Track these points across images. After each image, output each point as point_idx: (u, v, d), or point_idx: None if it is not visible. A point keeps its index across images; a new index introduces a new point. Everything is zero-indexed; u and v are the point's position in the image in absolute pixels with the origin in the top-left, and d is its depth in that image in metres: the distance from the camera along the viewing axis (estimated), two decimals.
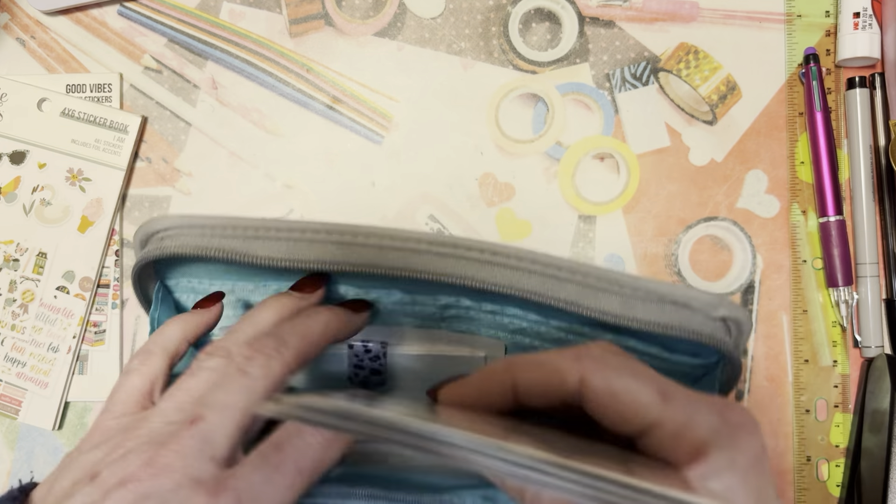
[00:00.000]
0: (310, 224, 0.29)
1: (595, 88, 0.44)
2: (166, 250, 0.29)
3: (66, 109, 0.44)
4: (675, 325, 0.28)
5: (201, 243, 0.29)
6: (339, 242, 0.28)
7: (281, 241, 0.29)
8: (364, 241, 0.28)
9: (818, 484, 0.42)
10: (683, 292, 0.29)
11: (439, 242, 0.28)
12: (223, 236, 0.29)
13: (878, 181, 0.42)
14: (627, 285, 0.29)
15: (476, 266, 0.28)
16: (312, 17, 0.45)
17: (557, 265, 0.28)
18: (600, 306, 0.28)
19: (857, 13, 0.42)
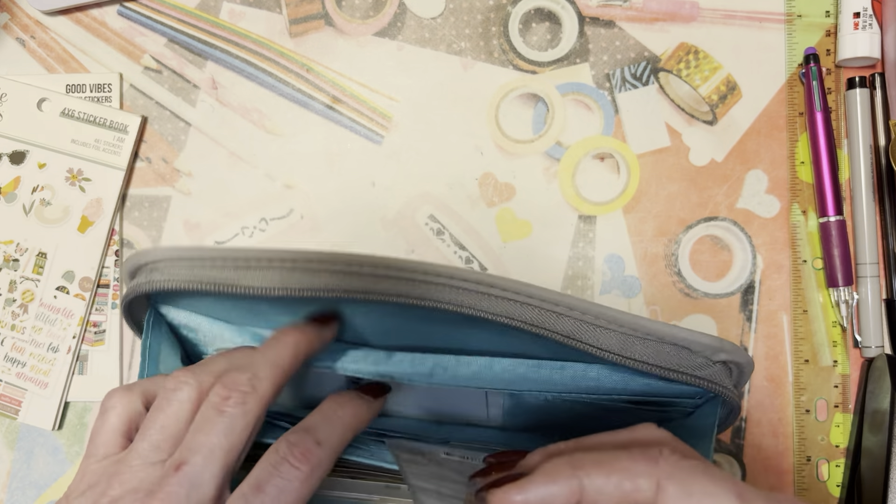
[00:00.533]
0: (303, 253, 0.28)
1: (595, 88, 0.44)
2: (156, 284, 0.28)
3: (66, 109, 0.44)
4: (672, 367, 0.28)
5: (192, 275, 0.28)
6: (333, 272, 0.28)
7: (273, 270, 0.28)
8: (359, 269, 0.28)
9: (818, 484, 0.42)
10: (684, 335, 0.28)
11: (434, 273, 0.28)
12: (213, 267, 0.28)
13: (878, 181, 0.42)
14: (626, 324, 0.28)
15: (473, 296, 0.28)
16: (312, 17, 0.45)
17: (555, 301, 0.28)
18: (599, 343, 0.28)
19: (857, 13, 0.42)
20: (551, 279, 0.43)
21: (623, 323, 0.28)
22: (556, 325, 0.28)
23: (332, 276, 0.28)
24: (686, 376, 0.28)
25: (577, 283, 0.43)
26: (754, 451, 0.43)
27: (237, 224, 0.44)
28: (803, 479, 0.42)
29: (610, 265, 0.43)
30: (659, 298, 0.43)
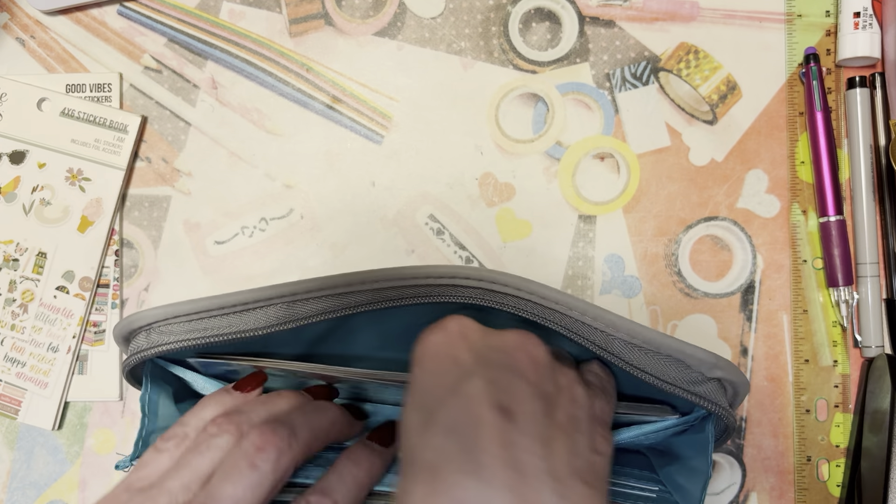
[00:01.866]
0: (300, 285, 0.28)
1: (595, 88, 0.44)
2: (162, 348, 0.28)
3: (66, 109, 0.44)
4: (669, 380, 0.28)
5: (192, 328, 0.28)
6: (334, 295, 0.28)
7: (273, 306, 0.28)
8: (360, 287, 0.28)
9: (818, 484, 0.42)
10: (680, 348, 0.28)
11: (436, 275, 0.28)
12: (211, 317, 0.28)
13: (878, 181, 0.42)
14: (623, 330, 0.28)
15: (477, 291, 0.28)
16: (312, 17, 0.45)
17: (554, 299, 0.28)
18: (598, 341, 0.28)
19: (857, 13, 0.42)
20: (551, 279, 0.43)
21: (620, 328, 0.28)
22: (559, 319, 0.28)
23: (334, 300, 0.28)
24: (681, 390, 0.28)
25: (577, 283, 0.43)
26: (754, 451, 0.43)
27: (237, 224, 0.44)
28: (803, 479, 0.42)
29: (610, 265, 0.43)
30: (659, 298, 0.43)
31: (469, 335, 0.25)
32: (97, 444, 0.44)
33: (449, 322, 0.26)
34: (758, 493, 0.42)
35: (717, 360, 0.28)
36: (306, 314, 0.28)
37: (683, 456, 0.32)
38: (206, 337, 0.28)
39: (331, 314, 0.28)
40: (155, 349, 0.28)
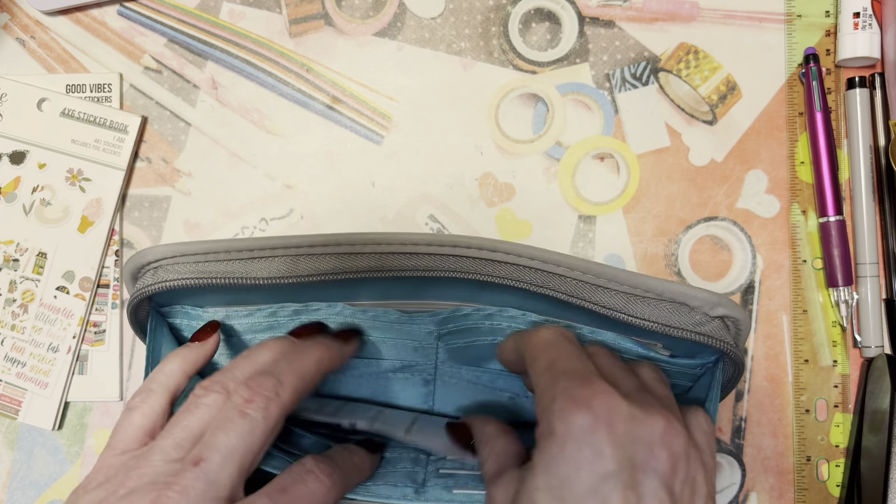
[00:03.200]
0: (305, 238, 0.28)
1: (595, 88, 0.44)
2: (166, 284, 0.29)
3: (66, 109, 0.44)
4: (674, 325, 0.28)
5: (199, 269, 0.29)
6: (338, 254, 0.28)
7: (278, 259, 0.28)
8: (363, 249, 0.28)
9: (818, 484, 0.42)
10: (682, 290, 0.29)
11: (438, 243, 0.28)
12: (218, 261, 0.29)
13: (878, 181, 0.42)
14: (626, 282, 0.29)
15: (477, 263, 0.28)
16: (312, 17, 0.45)
17: (556, 261, 0.29)
18: (601, 301, 0.28)
19: (857, 13, 0.42)
20: None
21: (622, 281, 0.29)
22: (559, 285, 0.28)
23: (337, 259, 0.28)
24: (687, 332, 0.28)
25: None
26: (754, 451, 0.43)
27: (237, 224, 0.44)
28: (803, 479, 0.42)
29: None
30: None
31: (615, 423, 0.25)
32: (97, 445, 0.44)
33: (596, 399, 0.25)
34: (757, 493, 0.42)
35: (719, 298, 0.29)
36: (308, 272, 0.28)
37: None
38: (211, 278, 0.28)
39: (331, 276, 0.28)
40: (159, 284, 0.29)
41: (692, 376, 0.32)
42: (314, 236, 0.29)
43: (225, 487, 0.25)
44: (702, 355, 0.31)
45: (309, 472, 0.27)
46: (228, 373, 0.28)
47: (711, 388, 0.31)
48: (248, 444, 0.26)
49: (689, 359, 0.31)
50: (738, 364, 0.30)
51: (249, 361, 0.29)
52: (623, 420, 0.25)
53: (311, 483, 0.27)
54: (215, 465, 0.25)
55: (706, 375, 0.32)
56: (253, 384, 0.27)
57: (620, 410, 0.25)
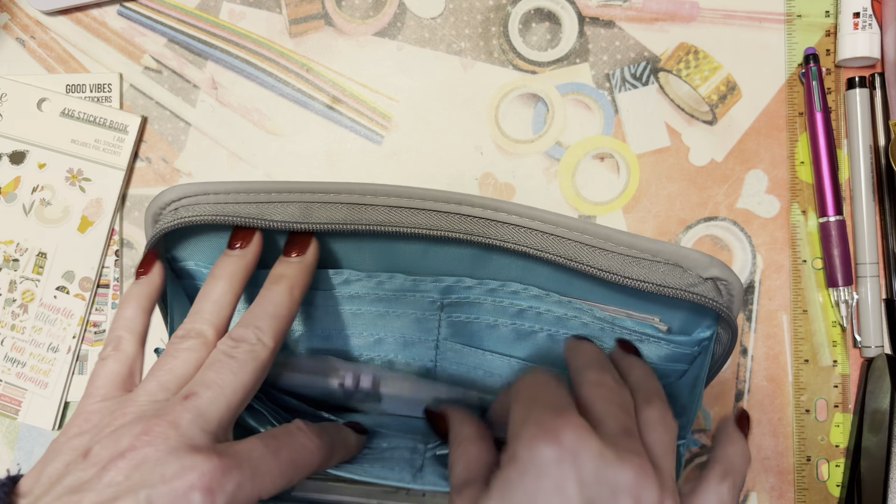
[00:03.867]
0: (321, 185, 0.30)
1: (595, 88, 0.44)
2: (185, 219, 0.29)
3: (66, 109, 0.44)
4: (668, 285, 0.29)
5: (217, 210, 0.29)
6: (350, 203, 0.29)
7: (293, 203, 0.29)
8: (373, 200, 0.29)
9: (818, 484, 0.42)
10: (675, 250, 0.29)
11: (444, 199, 0.30)
12: (237, 202, 0.30)
13: (878, 181, 0.42)
14: (621, 243, 0.29)
15: (481, 224, 0.29)
16: (312, 17, 0.45)
17: (554, 222, 0.29)
18: (598, 264, 0.29)
19: (857, 13, 0.42)
20: None
21: (618, 241, 0.29)
22: (559, 248, 0.29)
23: (349, 210, 0.29)
24: (681, 292, 0.29)
25: None
26: (754, 451, 0.43)
27: None
28: (803, 479, 0.42)
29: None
30: None
31: (582, 460, 0.24)
32: None
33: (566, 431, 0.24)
34: (757, 493, 0.42)
35: (711, 259, 0.30)
36: (319, 220, 0.29)
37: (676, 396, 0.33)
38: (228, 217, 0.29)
39: (342, 226, 0.29)
40: (180, 220, 0.29)
41: (688, 356, 0.33)
42: (329, 183, 0.30)
43: (214, 422, 0.25)
44: (698, 331, 0.32)
45: (300, 429, 0.28)
46: (197, 315, 0.28)
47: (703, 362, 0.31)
48: (239, 382, 0.26)
49: (686, 335, 0.32)
50: (732, 328, 0.30)
51: (210, 301, 0.29)
52: (592, 458, 0.24)
53: (301, 438, 0.27)
54: (205, 400, 0.25)
55: (702, 355, 0.32)
56: (235, 334, 0.27)
57: (590, 447, 0.24)
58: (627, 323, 0.32)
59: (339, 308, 0.35)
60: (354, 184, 0.30)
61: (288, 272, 0.30)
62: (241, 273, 0.30)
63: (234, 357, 0.26)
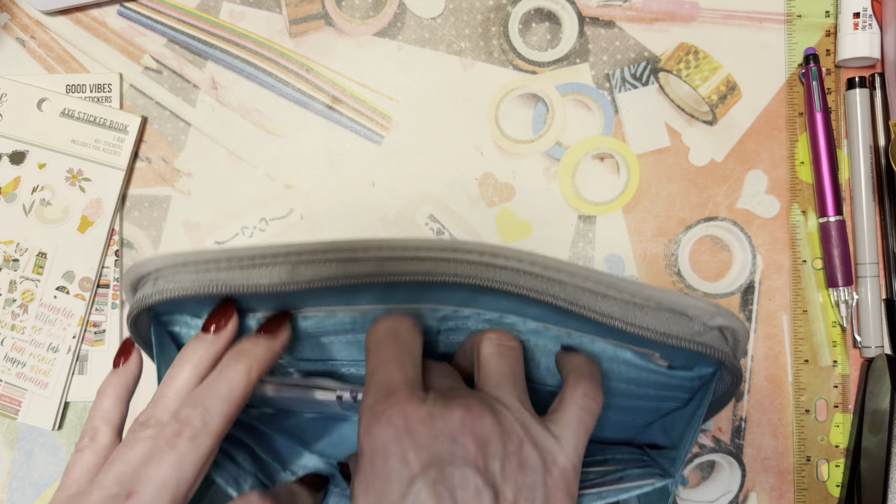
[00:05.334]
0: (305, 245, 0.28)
1: (595, 88, 0.44)
2: (165, 293, 0.28)
3: (66, 109, 0.44)
4: (672, 333, 0.28)
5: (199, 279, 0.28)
6: (338, 260, 0.28)
7: (278, 265, 0.28)
8: (363, 255, 0.28)
9: (818, 484, 0.42)
10: (680, 300, 0.28)
11: (438, 248, 0.28)
12: (218, 269, 0.28)
13: (878, 181, 0.42)
14: (625, 290, 0.28)
15: (476, 268, 0.28)
16: (312, 17, 0.45)
17: (556, 268, 0.28)
18: (600, 308, 0.28)
19: (857, 13, 0.42)
20: None
21: (622, 288, 0.29)
22: (559, 292, 0.28)
23: (339, 265, 0.28)
24: (684, 342, 0.28)
25: None
26: (754, 451, 0.43)
27: (237, 224, 0.44)
28: (803, 479, 0.42)
29: (610, 265, 0.43)
30: None
31: (414, 428, 0.26)
32: None
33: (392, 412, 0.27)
34: (757, 494, 0.42)
35: (717, 308, 0.29)
36: (309, 278, 0.28)
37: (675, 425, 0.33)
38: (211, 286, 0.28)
39: (332, 282, 0.28)
40: (160, 295, 0.29)
41: (689, 388, 0.32)
42: (314, 243, 0.29)
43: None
44: (699, 367, 0.31)
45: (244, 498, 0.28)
46: (160, 401, 0.29)
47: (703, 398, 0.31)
48: (180, 476, 0.26)
49: (687, 370, 0.31)
50: (736, 374, 0.30)
51: (172, 386, 0.29)
52: (421, 422, 0.26)
53: None
54: (147, 498, 0.26)
55: (702, 390, 0.32)
56: (180, 416, 0.27)
57: (417, 414, 0.26)
58: (627, 355, 0.31)
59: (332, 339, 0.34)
60: (342, 241, 0.28)
61: (252, 352, 0.29)
62: (209, 360, 0.29)
63: (176, 448, 0.26)
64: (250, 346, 0.29)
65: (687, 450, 0.30)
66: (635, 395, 0.33)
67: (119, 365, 0.31)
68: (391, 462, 0.26)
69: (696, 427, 0.30)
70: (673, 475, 0.30)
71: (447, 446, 0.26)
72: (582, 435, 0.29)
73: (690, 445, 0.30)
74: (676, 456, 0.31)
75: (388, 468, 0.26)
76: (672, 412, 0.33)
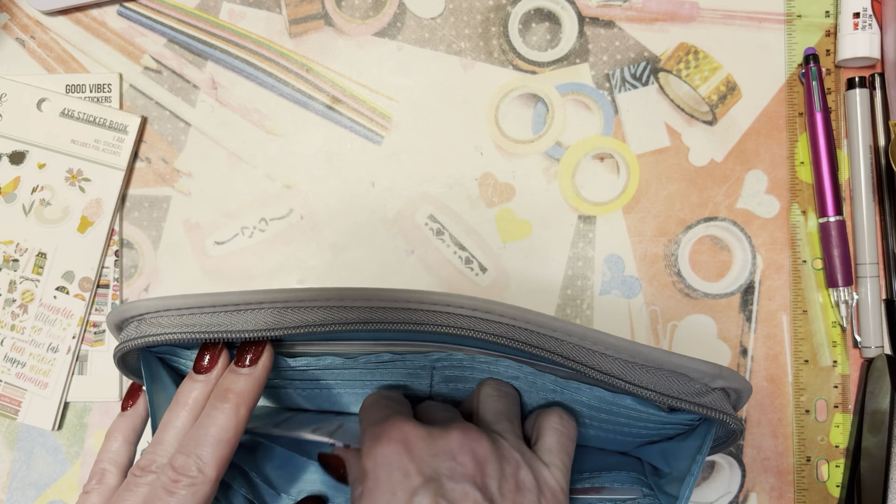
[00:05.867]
0: (293, 293, 0.28)
1: (595, 88, 0.44)
2: (150, 339, 0.28)
3: (66, 109, 0.44)
4: (673, 394, 0.28)
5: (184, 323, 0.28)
6: (326, 307, 0.28)
7: (264, 311, 0.28)
8: (352, 304, 0.28)
9: (818, 484, 0.42)
10: (682, 362, 0.28)
11: (430, 301, 0.28)
12: (203, 313, 0.28)
13: (878, 181, 0.42)
14: (624, 351, 0.28)
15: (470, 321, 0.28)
16: (312, 17, 0.45)
17: (552, 327, 0.28)
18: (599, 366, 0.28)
19: (857, 13, 0.42)
20: (551, 279, 0.43)
21: (621, 349, 0.28)
22: (555, 347, 0.28)
23: (325, 312, 0.28)
24: (685, 403, 0.28)
25: (576, 283, 0.43)
26: (754, 451, 0.43)
27: (237, 224, 0.44)
28: (803, 480, 0.42)
29: (610, 265, 0.43)
30: (659, 299, 0.43)
31: (412, 445, 0.27)
32: (97, 445, 0.44)
33: (392, 430, 0.28)
34: (757, 494, 0.42)
35: (720, 370, 0.28)
36: (295, 324, 0.28)
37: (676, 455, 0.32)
38: (196, 333, 0.28)
39: (320, 328, 0.28)
40: (143, 339, 0.28)
41: (690, 424, 0.32)
42: (302, 290, 0.28)
43: None
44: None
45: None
46: (158, 446, 0.29)
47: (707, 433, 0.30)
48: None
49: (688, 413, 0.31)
50: (737, 431, 0.29)
51: (171, 428, 0.29)
52: (420, 440, 0.28)
53: None
54: None
55: (704, 425, 0.31)
56: (176, 464, 0.27)
57: (416, 433, 0.28)
58: (627, 401, 0.31)
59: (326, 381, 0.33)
60: (330, 289, 0.28)
61: (235, 387, 0.29)
62: (203, 400, 0.29)
63: (174, 493, 0.27)
64: (234, 381, 0.29)
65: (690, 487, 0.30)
66: (635, 426, 0.33)
67: (127, 408, 0.32)
68: (394, 475, 0.27)
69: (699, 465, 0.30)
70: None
71: (447, 463, 0.27)
72: (566, 459, 0.30)
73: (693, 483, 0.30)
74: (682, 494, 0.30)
75: (391, 481, 0.27)
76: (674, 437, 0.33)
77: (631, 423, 0.32)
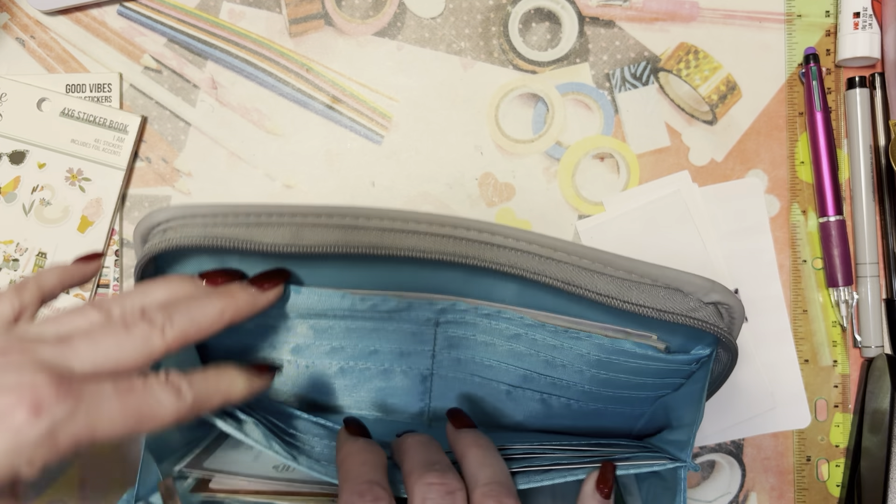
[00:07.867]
0: (312, 208, 0.29)
1: (595, 88, 0.44)
2: (172, 242, 0.29)
3: (66, 109, 0.44)
4: (668, 310, 0.28)
5: (206, 233, 0.29)
6: (341, 226, 0.29)
7: (284, 226, 0.29)
8: (366, 223, 0.29)
9: (818, 484, 0.42)
10: (676, 275, 0.29)
11: (439, 223, 0.29)
12: (226, 224, 0.29)
13: (878, 181, 0.42)
14: (621, 267, 0.29)
15: (474, 247, 0.29)
16: (312, 17, 0.45)
17: (553, 246, 0.29)
18: (597, 288, 0.29)
19: (857, 13, 0.42)
20: None
21: (618, 266, 0.29)
22: (556, 272, 0.28)
23: (341, 232, 0.29)
24: (681, 317, 0.29)
25: None
26: (754, 451, 0.43)
27: None
28: (803, 479, 0.42)
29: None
30: None
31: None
32: None
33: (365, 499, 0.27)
34: (757, 493, 0.42)
35: (713, 284, 0.29)
36: (311, 243, 0.28)
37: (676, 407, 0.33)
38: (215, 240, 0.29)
39: (333, 249, 0.28)
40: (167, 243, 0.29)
41: (686, 372, 0.32)
42: (319, 206, 0.29)
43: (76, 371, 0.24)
44: (696, 349, 0.32)
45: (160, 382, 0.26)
46: (117, 298, 0.27)
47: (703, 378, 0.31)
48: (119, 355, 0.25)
49: (684, 354, 0.32)
50: (732, 351, 0.30)
51: (141, 292, 0.28)
52: None
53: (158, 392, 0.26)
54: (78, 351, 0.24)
55: (700, 370, 0.32)
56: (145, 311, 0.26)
57: None
58: (626, 345, 0.32)
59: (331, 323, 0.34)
60: (345, 207, 0.29)
61: (235, 295, 0.29)
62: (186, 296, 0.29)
63: (129, 330, 0.26)
64: (237, 291, 0.29)
65: (695, 429, 0.30)
66: (634, 385, 0.33)
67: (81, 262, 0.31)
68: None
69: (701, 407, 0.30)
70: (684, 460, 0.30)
71: None
72: None
73: (697, 425, 0.30)
74: (685, 438, 0.30)
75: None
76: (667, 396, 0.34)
77: (630, 381, 0.33)
